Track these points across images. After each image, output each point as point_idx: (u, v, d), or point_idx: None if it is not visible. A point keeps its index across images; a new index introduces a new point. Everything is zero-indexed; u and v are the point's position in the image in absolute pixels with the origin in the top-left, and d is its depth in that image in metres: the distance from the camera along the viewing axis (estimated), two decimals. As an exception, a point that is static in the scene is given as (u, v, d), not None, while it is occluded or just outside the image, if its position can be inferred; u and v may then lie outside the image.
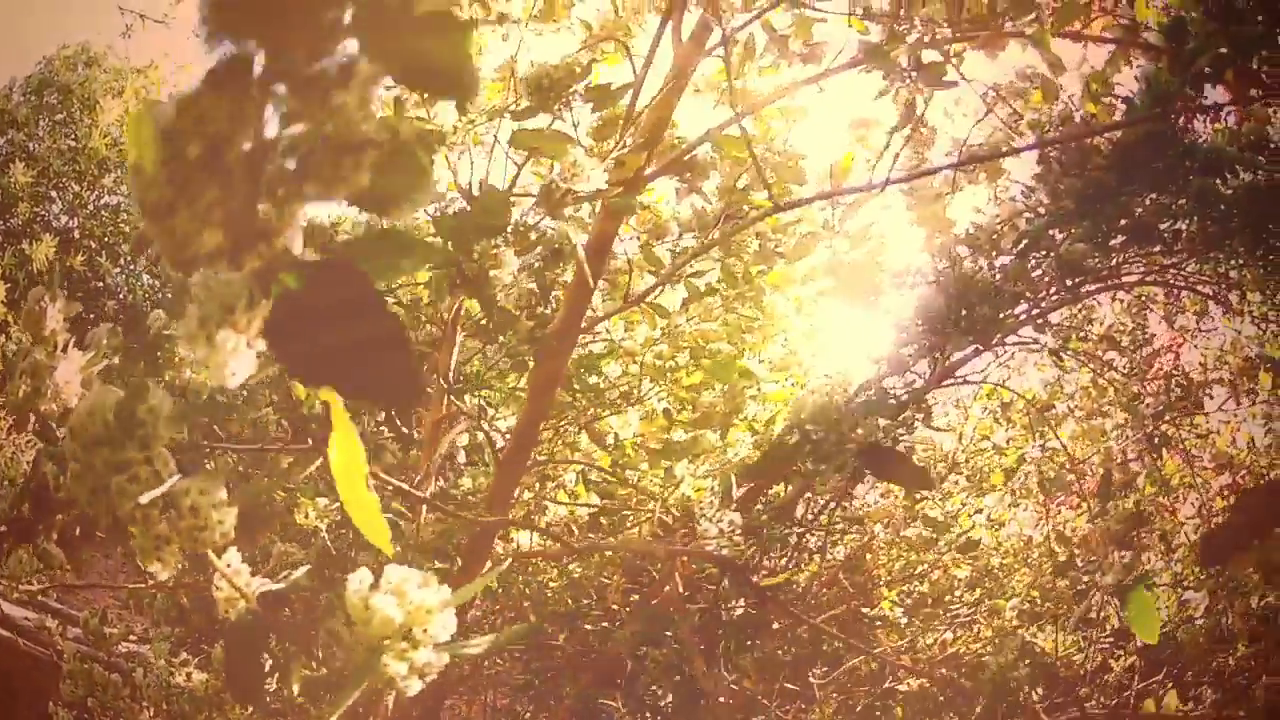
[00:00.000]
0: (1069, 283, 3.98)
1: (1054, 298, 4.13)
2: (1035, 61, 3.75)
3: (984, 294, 3.85)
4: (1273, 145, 4.31)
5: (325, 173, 0.84)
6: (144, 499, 1.60)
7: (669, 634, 3.29)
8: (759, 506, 3.45)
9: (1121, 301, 4.85)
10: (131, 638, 4.64)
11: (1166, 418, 4.55)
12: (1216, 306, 4.72)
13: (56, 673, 4.53)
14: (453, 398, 3.98)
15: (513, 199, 2.96)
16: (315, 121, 0.81)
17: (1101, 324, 4.75)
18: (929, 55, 3.42)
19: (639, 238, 3.66)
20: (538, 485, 3.91)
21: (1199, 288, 4.70)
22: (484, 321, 3.46)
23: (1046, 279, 3.96)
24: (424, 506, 3.32)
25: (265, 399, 3.62)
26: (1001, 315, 3.97)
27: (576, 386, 3.70)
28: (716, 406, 3.75)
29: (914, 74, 2.86)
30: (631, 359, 3.77)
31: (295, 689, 2.08)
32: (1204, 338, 5.04)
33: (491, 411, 3.84)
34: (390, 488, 3.06)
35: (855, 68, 3.63)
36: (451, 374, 4.06)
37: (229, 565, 1.67)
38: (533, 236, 2.83)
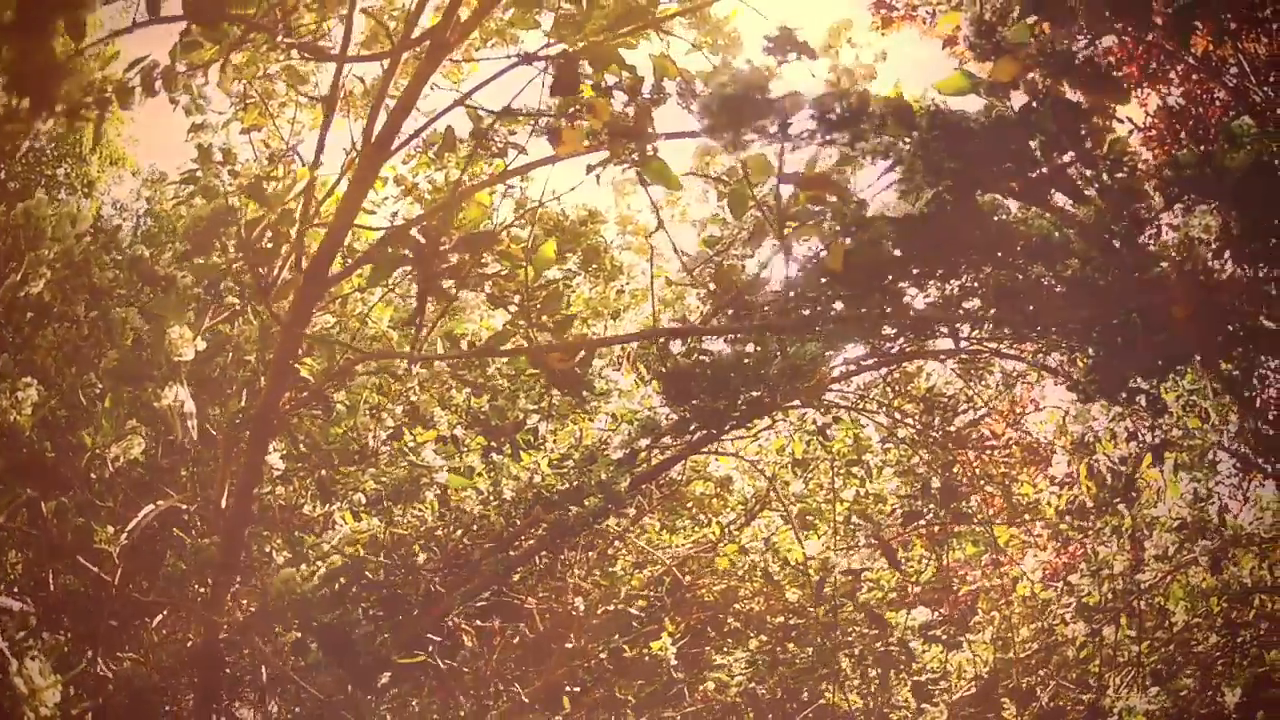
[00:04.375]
0: (794, 384, 3.81)
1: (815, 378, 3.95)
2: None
3: (714, 386, 3.77)
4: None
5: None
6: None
7: None
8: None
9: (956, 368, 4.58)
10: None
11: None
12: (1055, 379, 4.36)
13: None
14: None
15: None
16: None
17: (908, 391, 4.53)
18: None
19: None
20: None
21: (1048, 364, 4.37)
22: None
23: (775, 373, 3.80)
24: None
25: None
26: (738, 402, 3.87)
27: (304, 447, 3.99)
28: (404, 485, 3.97)
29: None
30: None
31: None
32: (1048, 407, 4.71)
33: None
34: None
35: (551, 163, 3.56)
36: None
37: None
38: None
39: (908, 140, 2.98)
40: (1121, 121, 5.85)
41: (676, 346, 4.26)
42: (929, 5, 5.10)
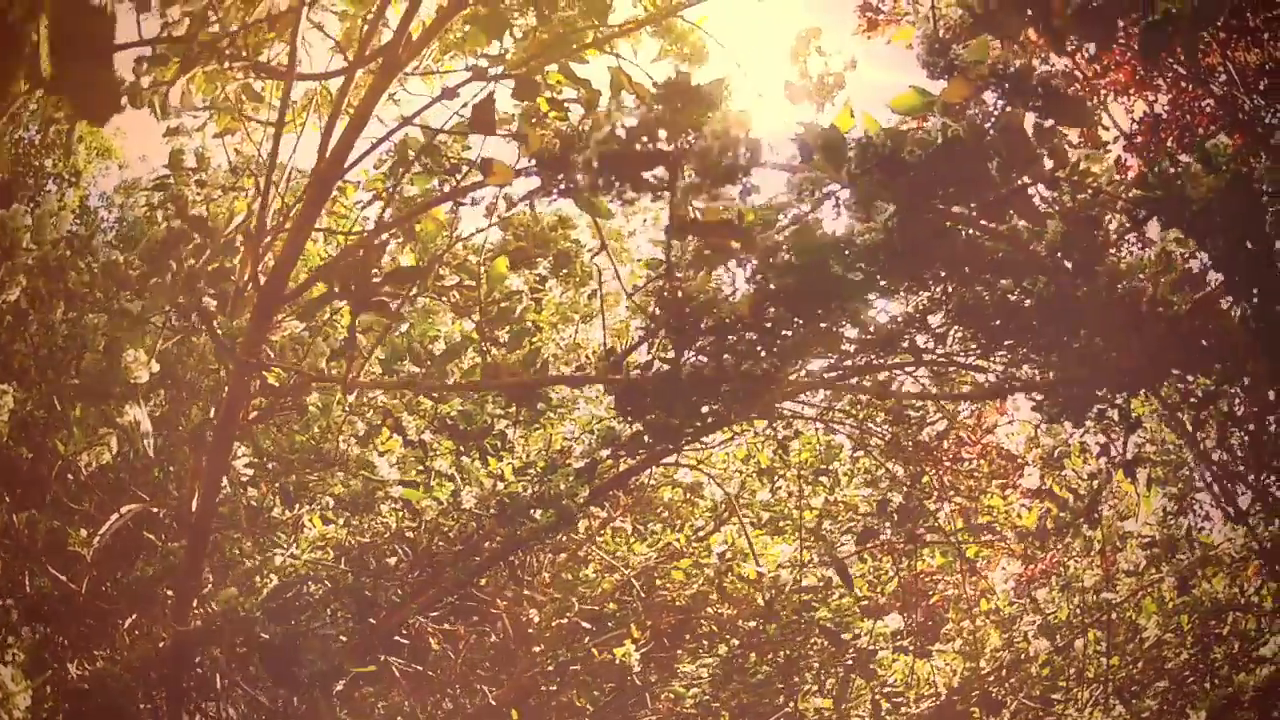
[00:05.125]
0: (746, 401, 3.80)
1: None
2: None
3: (668, 401, 3.76)
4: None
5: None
6: None
7: None
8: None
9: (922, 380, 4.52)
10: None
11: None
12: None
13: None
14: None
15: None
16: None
17: (876, 401, 4.49)
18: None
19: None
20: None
21: (1020, 378, 4.31)
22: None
23: (729, 389, 3.78)
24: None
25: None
26: (695, 415, 3.87)
27: (272, 449, 4.05)
28: (360, 500, 4.01)
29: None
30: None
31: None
32: (1021, 420, 4.65)
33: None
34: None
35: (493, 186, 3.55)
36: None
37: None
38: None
39: (835, 178, 2.93)
40: (1106, 129, 5.73)
41: (639, 355, 4.26)
42: (916, 8, 5.00)
